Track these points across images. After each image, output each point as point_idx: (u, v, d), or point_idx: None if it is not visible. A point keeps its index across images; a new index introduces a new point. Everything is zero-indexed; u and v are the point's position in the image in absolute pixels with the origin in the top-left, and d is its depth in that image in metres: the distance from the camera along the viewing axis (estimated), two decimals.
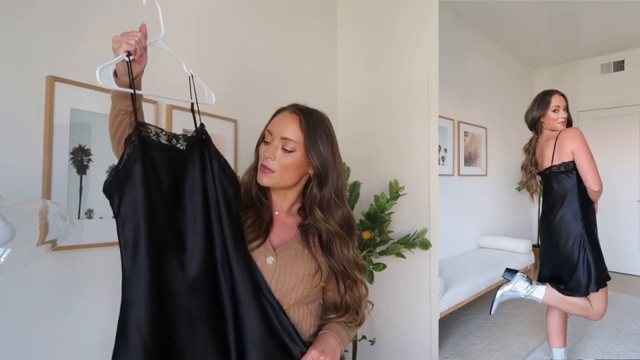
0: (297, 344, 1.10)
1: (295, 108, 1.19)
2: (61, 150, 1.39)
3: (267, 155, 1.14)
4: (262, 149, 1.17)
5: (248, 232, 1.14)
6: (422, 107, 2.44)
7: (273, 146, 1.15)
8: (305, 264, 1.16)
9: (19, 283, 1.29)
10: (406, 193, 2.40)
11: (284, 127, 1.15)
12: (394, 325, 2.50)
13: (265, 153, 1.15)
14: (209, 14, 1.93)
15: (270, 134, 1.16)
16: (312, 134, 1.14)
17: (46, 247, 1.15)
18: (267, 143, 1.17)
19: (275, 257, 1.13)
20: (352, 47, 2.71)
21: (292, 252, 1.16)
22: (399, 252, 2.28)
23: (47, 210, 1.19)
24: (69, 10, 1.43)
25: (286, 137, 1.14)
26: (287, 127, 1.14)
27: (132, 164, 0.96)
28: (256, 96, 2.14)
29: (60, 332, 1.40)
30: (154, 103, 1.65)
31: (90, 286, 1.46)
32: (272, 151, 1.14)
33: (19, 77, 1.31)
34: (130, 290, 0.93)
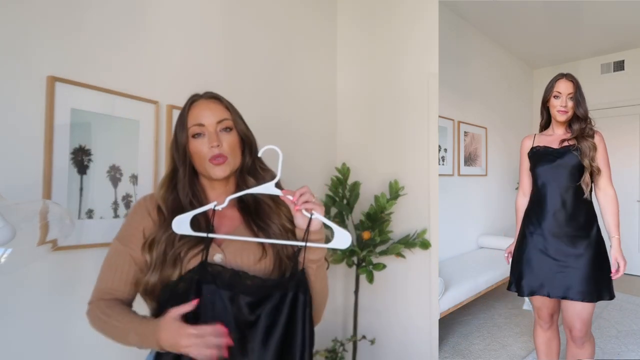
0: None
1: (208, 95, 1.19)
2: (61, 151, 1.39)
3: (212, 144, 1.11)
4: (198, 144, 1.12)
5: (185, 239, 1.08)
6: (422, 107, 2.44)
7: (211, 134, 1.12)
8: (252, 250, 1.12)
9: (19, 283, 1.29)
10: (406, 193, 2.40)
11: (214, 112, 1.14)
12: (394, 325, 2.50)
13: (209, 144, 1.11)
14: (208, 14, 1.93)
15: (202, 125, 1.13)
16: (233, 108, 1.19)
17: (46, 247, 1.15)
18: (198, 137, 1.13)
19: (222, 253, 1.09)
20: (352, 47, 2.71)
21: (238, 244, 1.11)
22: (399, 252, 2.28)
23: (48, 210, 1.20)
24: (69, 11, 1.43)
25: (222, 119, 1.14)
26: (217, 111, 1.15)
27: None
28: (256, 96, 2.14)
29: (60, 332, 1.40)
30: (154, 103, 1.65)
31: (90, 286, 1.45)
32: (214, 138, 1.11)
33: (19, 77, 1.31)
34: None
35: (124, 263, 1.11)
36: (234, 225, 1.16)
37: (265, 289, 1.04)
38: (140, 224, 1.12)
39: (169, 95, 1.70)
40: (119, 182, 1.55)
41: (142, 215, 1.13)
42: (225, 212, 1.14)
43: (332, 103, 2.72)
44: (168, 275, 1.06)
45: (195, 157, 1.14)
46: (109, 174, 1.53)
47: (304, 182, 1.18)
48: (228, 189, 1.19)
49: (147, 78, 1.66)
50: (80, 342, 1.44)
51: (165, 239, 1.08)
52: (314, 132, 2.53)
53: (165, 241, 1.07)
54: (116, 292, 1.10)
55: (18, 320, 1.31)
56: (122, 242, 1.12)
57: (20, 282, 1.29)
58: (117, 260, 1.11)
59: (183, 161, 1.15)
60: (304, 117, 2.46)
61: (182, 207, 1.12)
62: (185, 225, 1.06)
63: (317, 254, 1.11)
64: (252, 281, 1.06)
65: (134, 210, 1.16)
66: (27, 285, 1.32)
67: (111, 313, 1.07)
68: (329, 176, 2.46)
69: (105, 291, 1.11)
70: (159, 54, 1.70)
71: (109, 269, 1.12)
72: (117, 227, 1.17)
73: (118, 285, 1.11)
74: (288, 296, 1.03)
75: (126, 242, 1.11)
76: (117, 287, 1.11)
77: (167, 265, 1.06)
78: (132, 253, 1.10)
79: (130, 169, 1.59)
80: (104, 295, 1.10)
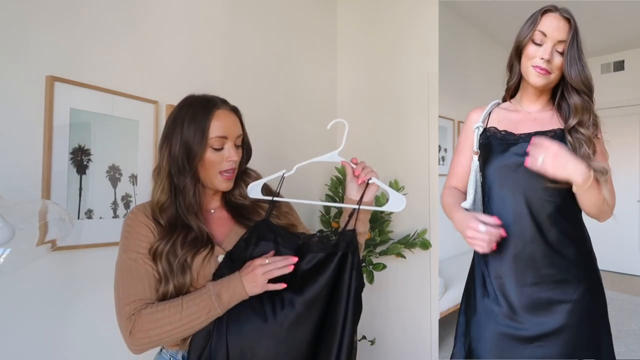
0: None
1: (229, 106, 1.18)
2: (61, 150, 1.39)
3: (231, 159, 1.12)
4: (216, 156, 1.11)
5: (189, 245, 1.09)
6: (422, 107, 2.44)
7: (231, 148, 1.13)
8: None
9: (19, 283, 1.29)
10: (406, 193, 2.39)
11: (236, 126, 1.16)
12: (394, 325, 2.50)
13: (227, 158, 1.12)
14: (208, 13, 1.93)
15: (226, 138, 1.12)
16: (242, 120, 1.20)
17: (46, 247, 1.15)
18: (218, 150, 1.12)
19: (224, 253, 1.13)
20: (352, 47, 2.70)
21: (234, 242, 1.15)
22: (399, 252, 2.28)
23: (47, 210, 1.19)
24: (69, 10, 1.42)
25: (240, 135, 1.17)
26: (237, 125, 1.17)
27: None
28: (256, 96, 2.14)
29: (60, 332, 1.40)
30: (153, 103, 1.64)
31: (90, 286, 1.46)
32: (234, 153, 1.13)
33: (19, 77, 1.31)
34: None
35: (145, 271, 1.07)
36: (229, 226, 1.20)
37: (315, 245, 1.11)
38: (140, 232, 1.10)
39: (169, 95, 1.69)
40: (119, 182, 1.55)
41: (140, 226, 1.11)
42: (217, 215, 1.20)
43: (332, 103, 2.71)
44: (181, 283, 1.06)
45: (206, 166, 1.12)
46: (109, 174, 1.52)
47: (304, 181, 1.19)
48: (215, 195, 1.22)
49: (147, 78, 1.65)
50: (80, 342, 1.44)
51: (167, 250, 1.07)
52: (314, 131, 2.53)
53: (168, 252, 1.07)
54: (148, 301, 1.06)
55: (17, 321, 1.30)
56: (132, 251, 1.09)
57: (19, 282, 1.28)
58: (137, 268, 1.07)
59: (190, 168, 1.10)
60: (304, 116, 2.46)
61: (182, 218, 1.11)
62: (258, 191, 1.18)
63: (364, 226, 1.17)
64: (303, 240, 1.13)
65: (130, 223, 1.12)
66: (27, 285, 1.31)
67: (169, 306, 1.03)
68: (329, 176, 2.46)
69: (142, 301, 1.05)
70: (158, 53, 1.70)
71: (133, 279, 1.06)
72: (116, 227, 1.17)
73: (151, 294, 1.07)
74: (337, 255, 1.09)
75: (136, 249, 1.09)
76: (151, 295, 1.07)
77: (176, 275, 1.06)
78: (145, 259, 1.08)
79: (130, 169, 1.58)
80: (141, 306, 1.05)
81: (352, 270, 1.08)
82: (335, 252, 1.09)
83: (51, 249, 1.18)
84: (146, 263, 1.07)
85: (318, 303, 1.06)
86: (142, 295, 1.05)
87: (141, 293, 1.05)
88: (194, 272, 1.08)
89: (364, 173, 1.14)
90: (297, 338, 1.04)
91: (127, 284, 1.06)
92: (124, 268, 1.08)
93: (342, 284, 1.07)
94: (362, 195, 1.14)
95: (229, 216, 1.21)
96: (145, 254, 1.08)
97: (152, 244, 1.08)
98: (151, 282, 1.07)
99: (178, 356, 1.13)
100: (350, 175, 1.17)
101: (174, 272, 1.06)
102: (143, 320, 1.02)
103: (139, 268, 1.07)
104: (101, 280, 1.47)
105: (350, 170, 1.17)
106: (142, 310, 1.03)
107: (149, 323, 1.02)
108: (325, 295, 1.07)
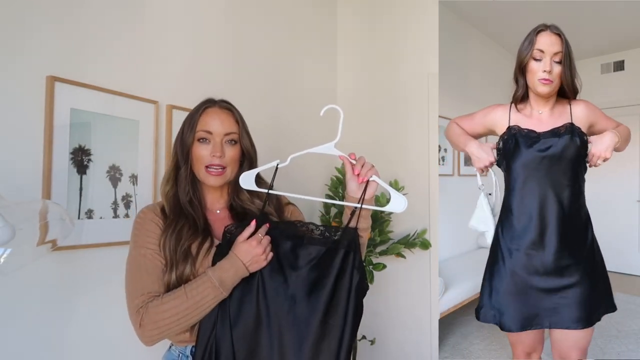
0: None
1: (223, 103, 1.22)
2: (61, 150, 1.39)
3: (214, 154, 1.15)
4: (201, 149, 1.16)
5: (190, 233, 1.13)
6: (422, 107, 2.44)
7: (217, 144, 1.16)
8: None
9: (19, 283, 1.29)
10: (406, 193, 2.39)
11: (225, 123, 1.18)
12: (394, 325, 2.50)
13: (211, 153, 1.15)
14: (209, 14, 1.93)
15: (210, 133, 1.16)
16: (242, 121, 1.23)
17: (46, 247, 1.15)
18: (203, 142, 1.17)
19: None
20: (352, 47, 2.71)
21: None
22: (399, 252, 2.28)
23: (47, 210, 1.20)
24: (69, 10, 1.43)
25: (229, 132, 1.18)
26: (227, 123, 1.19)
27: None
28: (256, 96, 2.14)
29: (60, 332, 1.40)
30: (153, 103, 1.64)
31: (90, 286, 1.46)
32: (218, 149, 1.15)
33: (19, 77, 1.31)
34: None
35: (154, 265, 1.11)
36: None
37: (316, 239, 1.12)
38: (148, 229, 1.15)
39: (169, 95, 1.69)
40: (119, 182, 1.55)
41: (148, 223, 1.16)
42: (222, 216, 1.23)
43: (332, 103, 2.71)
44: (182, 270, 1.10)
45: (194, 160, 1.18)
46: (109, 173, 1.52)
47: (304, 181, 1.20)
48: (222, 196, 1.25)
49: (147, 78, 1.65)
50: (80, 341, 1.44)
51: (173, 237, 1.12)
52: (314, 131, 2.53)
53: (175, 238, 1.12)
54: (156, 293, 1.10)
55: (18, 320, 1.30)
56: (141, 247, 1.13)
57: (19, 282, 1.29)
58: (146, 263, 1.11)
59: (185, 160, 1.18)
60: (305, 117, 2.46)
61: (181, 205, 1.17)
62: (251, 181, 1.17)
63: (367, 222, 1.18)
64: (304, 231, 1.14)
65: (139, 221, 1.17)
66: (27, 285, 1.32)
67: (174, 296, 1.06)
68: (329, 176, 2.46)
69: (150, 294, 1.09)
70: (159, 53, 1.70)
71: (142, 274, 1.10)
72: (117, 227, 1.18)
73: (159, 287, 1.10)
74: (339, 253, 1.10)
75: (145, 245, 1.13)
76: (159, 288, 1.10)
77: (180, 262, 1.10)
78: (154, 254, 1.12)
79: (130, 169, 1.58)
80: (149, 299, 1.08)
81: (353, 269, 1.10)
82: (337, 249, 1.10)
83: (52, 249, 1.18)
84: (155, 258, 1.12)
85: (320, 298, 1.08)
86: (150, 288, 1.09)
87: (149, 286, 1.09)
88: (195, 260, 1.12)
89: (364, 172, 1.15)
90: (299, 331, 1.06)
91: (135, 278, 1.11)
92: (134, 263, 1.13)
93: (343, 283, 1.08)
94: (364, 193, 1.15)
95: (231, 218, 1.23)
96: (154, 249, 1.12)
97: (159, 237, 1.13)
98: (159, 276, 1.11)
99: (187, 352, 1.16)
100: (349, 173, 1.18)
101: (178, 259, 1.10)
102: (151, 312, 1.06)
103: (148, 263, 1.11)
104: (101, 280, 1.48)
105: (349, 167, 1.18)
106: (149, 302, 1.07)
107: (156, 314, 1.05)
108: (328, 292, 1.08)
